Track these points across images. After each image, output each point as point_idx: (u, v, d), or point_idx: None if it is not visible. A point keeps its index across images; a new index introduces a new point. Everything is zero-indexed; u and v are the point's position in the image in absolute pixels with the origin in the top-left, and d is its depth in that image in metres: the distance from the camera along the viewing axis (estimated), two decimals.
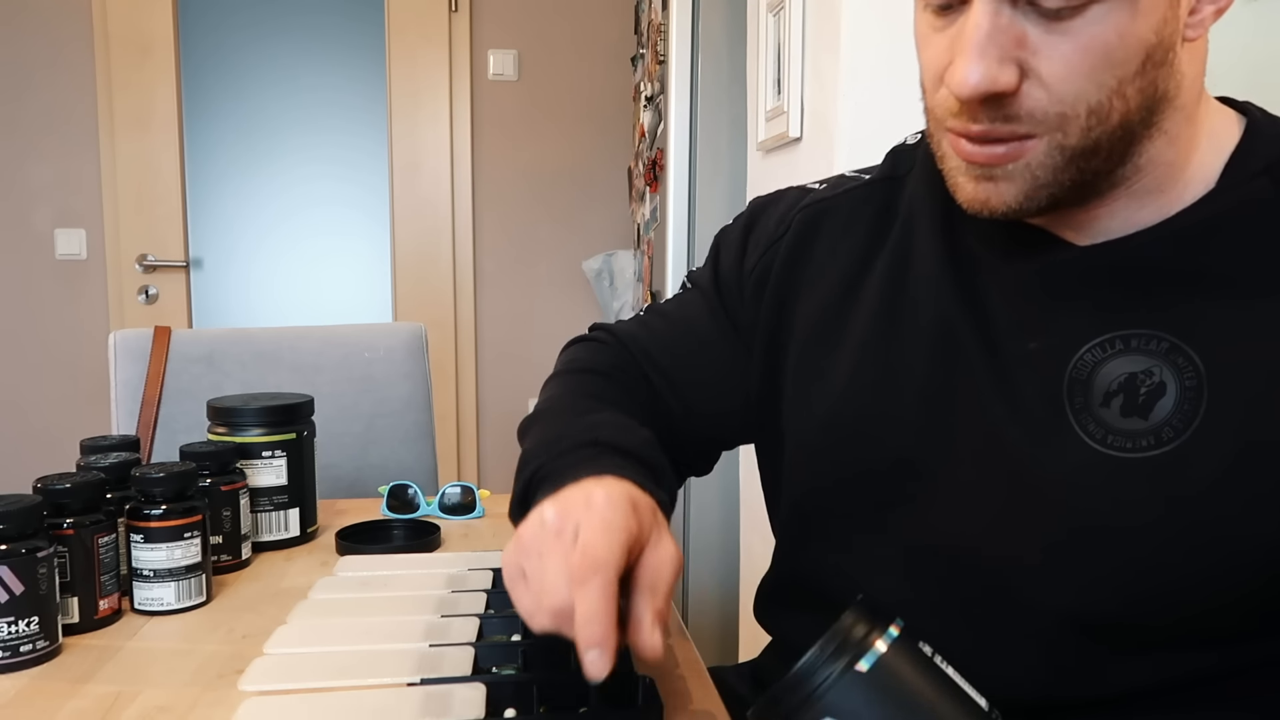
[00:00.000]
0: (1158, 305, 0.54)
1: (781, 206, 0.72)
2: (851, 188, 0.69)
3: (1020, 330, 0.57)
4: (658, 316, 0.76)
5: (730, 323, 0.73)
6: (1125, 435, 0.53)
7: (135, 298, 2.86)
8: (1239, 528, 0.51)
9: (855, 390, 0.63)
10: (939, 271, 0.61)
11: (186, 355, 1.35)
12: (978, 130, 0.52)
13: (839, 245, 0.67)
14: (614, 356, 0.74)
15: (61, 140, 2.81)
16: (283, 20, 2.93)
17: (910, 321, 0.61)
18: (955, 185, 0.55)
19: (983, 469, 0.57)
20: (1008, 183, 0.53)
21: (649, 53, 2.38)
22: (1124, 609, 0.53)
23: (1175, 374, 0.53)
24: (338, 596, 0.79)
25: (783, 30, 1.37)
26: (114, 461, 0.82)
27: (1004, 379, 0.57)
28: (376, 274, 3.01)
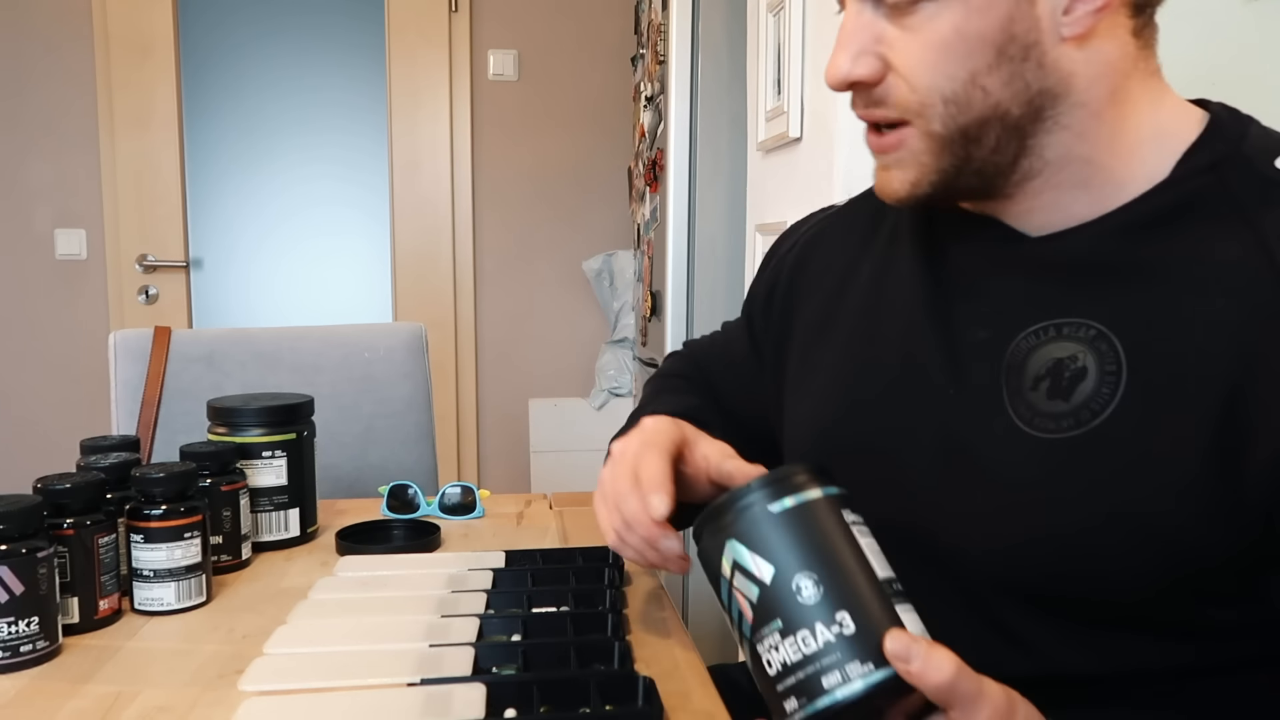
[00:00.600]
0: (1091, 295, 0.56)
1: (804, 225, 0.81)
2: (856, 197, 0.75)
3: (974, 320, 0.61)
4: (720, 332, 0.90)
5: (753, 338, 0.82)
6: (1049, 417, 0.56)
7: (135, 298, 2.86)
8: (1150, 507, 0.52)
9: (837, 384, 0.68)
10: (915, 268, 0.66)
11: (186, 355, 1.35)
12: (860, 114, 0.60)
13: (836, 250, 0.73)
14: (685, 365, 0.89)
15: (61, 140, 2.80)
16: (283, 20, 2.93)
17: (888, 318, 0.66)
18: (875, 175, 0.63)
19: (933, 452, 0.61)
20: (899, 170, 0.59)
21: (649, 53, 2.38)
22: (1053, 584, 0.55)
23: (1098, 359, 0.55)
24: (338, 597, 0.79)
25: (783, 30, 1.37)
26: (114, 462, 0.82)
27: (958, 366, 0.61)
28: (376, 274, 3.01)
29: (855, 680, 0.46)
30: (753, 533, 0.50)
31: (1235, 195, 0.54)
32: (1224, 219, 0.54)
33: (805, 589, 0.48)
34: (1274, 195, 0.53)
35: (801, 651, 0.47)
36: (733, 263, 2.00)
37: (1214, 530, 0.51)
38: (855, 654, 0.47)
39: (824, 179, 1.22)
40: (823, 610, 0.48)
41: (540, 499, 1.14)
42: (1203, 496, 0.51)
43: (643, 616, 0.75)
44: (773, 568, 0.49)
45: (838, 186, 1.17)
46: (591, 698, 0.58)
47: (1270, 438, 0.50)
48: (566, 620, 0.70)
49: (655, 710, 0.58)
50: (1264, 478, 0.50)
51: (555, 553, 0.88)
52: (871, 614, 0.48)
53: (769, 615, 0.49)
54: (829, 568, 0.49)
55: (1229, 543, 0.51)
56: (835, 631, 0.47)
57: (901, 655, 0.46)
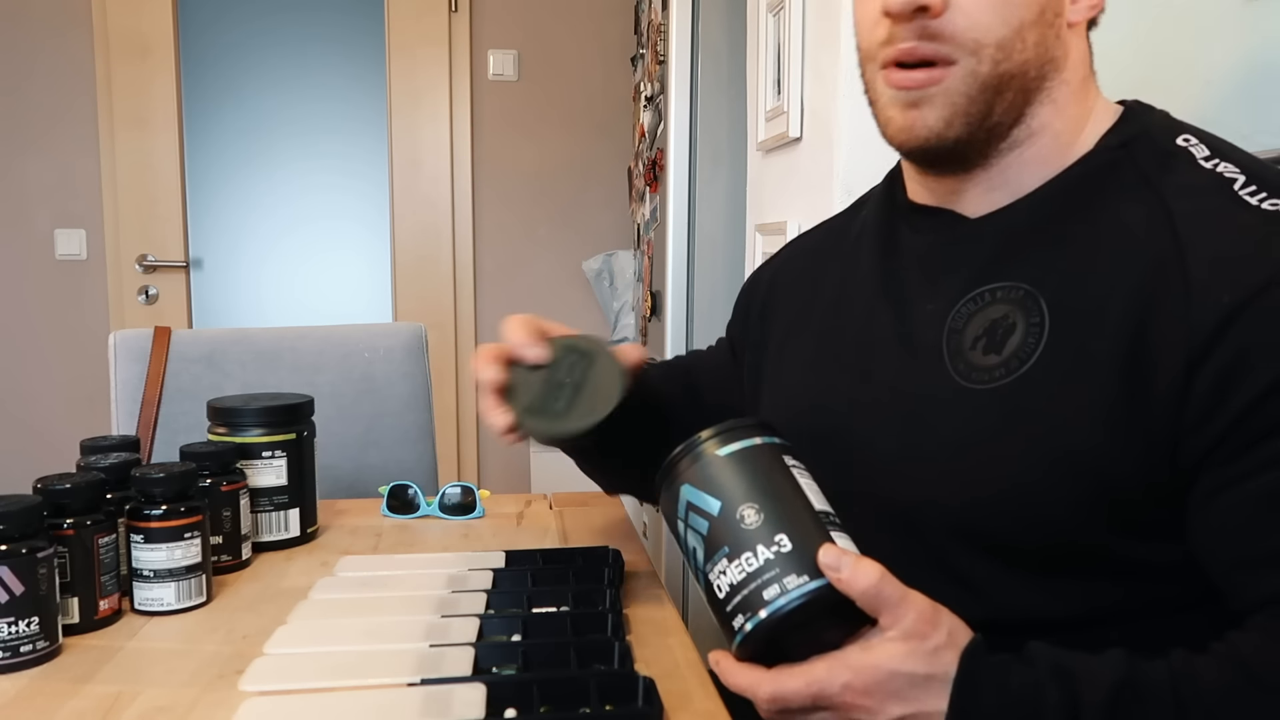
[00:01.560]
0: (1019, 261, 0.63)
1: (780, 253, 0.89)
2: (822, 223, 0.85)
3: (923, 297, 0.67)
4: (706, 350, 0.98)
5: (732, 346, 0.90)
6: (984, 370, 0.61)
7: (135, 298, 2.86)
8: (1078, 441, 0.57)
9: (809, 372, 0.75)
10: (875, 265, 0.72)
11: (186, 355, 1.35)
12: (906, 48, 0.60)
13: (809, 262, 0.81)
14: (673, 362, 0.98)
15: (61, 140, 2.80)
16: (282, 20, 2.93)
17: (853, 309, 0.73)
18: (887, 120, 0.64)
19: (890, 419, 0.66)
20: (930, 107, 0.61)
21: (649, 53, 2.38)
22: (1003, 526, 0.59)
23: (1024, 315, 0.61)
24: (338, 597, 0.79)
25: (783, 30, 1.37)
26: (114, 462, 0.82)
27: (909, 340, 0.67)
28: (376, 274, 3.01)
29: (792, 591, 0.52)
30: (702, 474, 0.57)
31: (1139, 165, 0.61)
32: (1130, 185, 0.61)
33: (748, 517, 0.55)
34: (1172, 164, 0.61)
35: (745, 571, 0.53)
36: (733, 263, 2.00)
37: (1134, 456, 0.56)
38: (792, 568, 0.53)
39: (824, 179, 1.22)
40: (763, 533, 0.54)
41: (540, 499, 1.14)
42: (1120, 424, 0.56)
43: (643, 616, 0.75)
44: (719, 502, 0.56)
45: (837, 186, 1.17)
46: (591, 698, 0.58)
47: (1168, 369, 0.55)
48: (566, 620, 0.70)
49: (655, 710, 0.58)
50: (1165, 407, 0.55)
51: (555, 553, 0.88)
52: (807, 534, 0.54)
53: (718, 544, 0.55)
54: (769, 498, 0.55)
55: (1148, 470, 0.56)
56: (774, 550, 0.53)
57: (832, 565, 0.52)
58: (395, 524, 1.04)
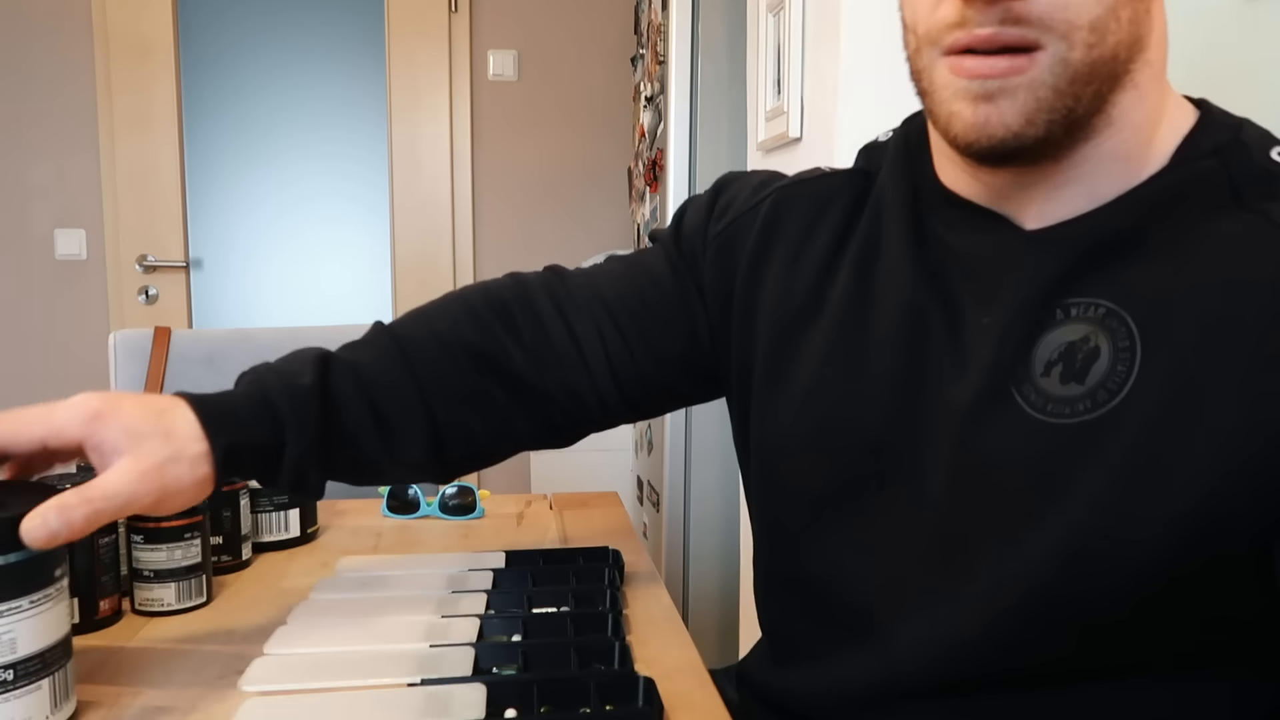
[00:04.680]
0: (1098, 275, 0.54)
1: (754, 180, 0.73)
2: (826, 175, 0.70)
3: (976, 307, 0.57)
4: (618, 261, 0.77)
5: (688, 276, 0.73)
6: (1063, 402, 0.53)
7: (135, 298, 2.86)
8: (1178, 484, 0.50)
9: (829, 373, 0.63)
10: (906, 256, 0.61)
11: (187, 356, 1.35)
12: (984, 35, 0.51)
13: (814, 228, 0.67)
14: (513, 291, 0.75)
15: (61, 140, 2.80)
16: (282, 20, 2.93)
17: (879, 306, 0.62)
18: (950, 116, 0.53)
19: (939, 445, 0.57)
20: (1009, 101, 0.52)
21: (649, 53, 2.38)
22: (1071, 579, 0.52)
23: (1109, 338, 0.53)
24: (338, 597, 0.79)
25: (782, 30, 1.37)
26: None
27: (961, 356, 0.57)
28: (377, 274, 3.01)
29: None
30: None
31: (1235, 180, 0.54)
32: (1227, 202, 0.53)
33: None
34: (1273, 185, 0.54)
35: None
36: None
37: (1249, 503, 0.49)
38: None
39: None
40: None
41: (540, 499, 1.14)
42: (1239, 468, 0.49)
43: (643, 616, 0.75)
44: None
45: None
46: (591, 698, 0.58)
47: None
48: (566, 620, 0.70)
49: (655, 710, 0.58)
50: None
51: (555, 553, 0.88)
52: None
53: None
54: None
55: (1259, 516, 0.49)
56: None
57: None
58: (395, 524, 1.04)
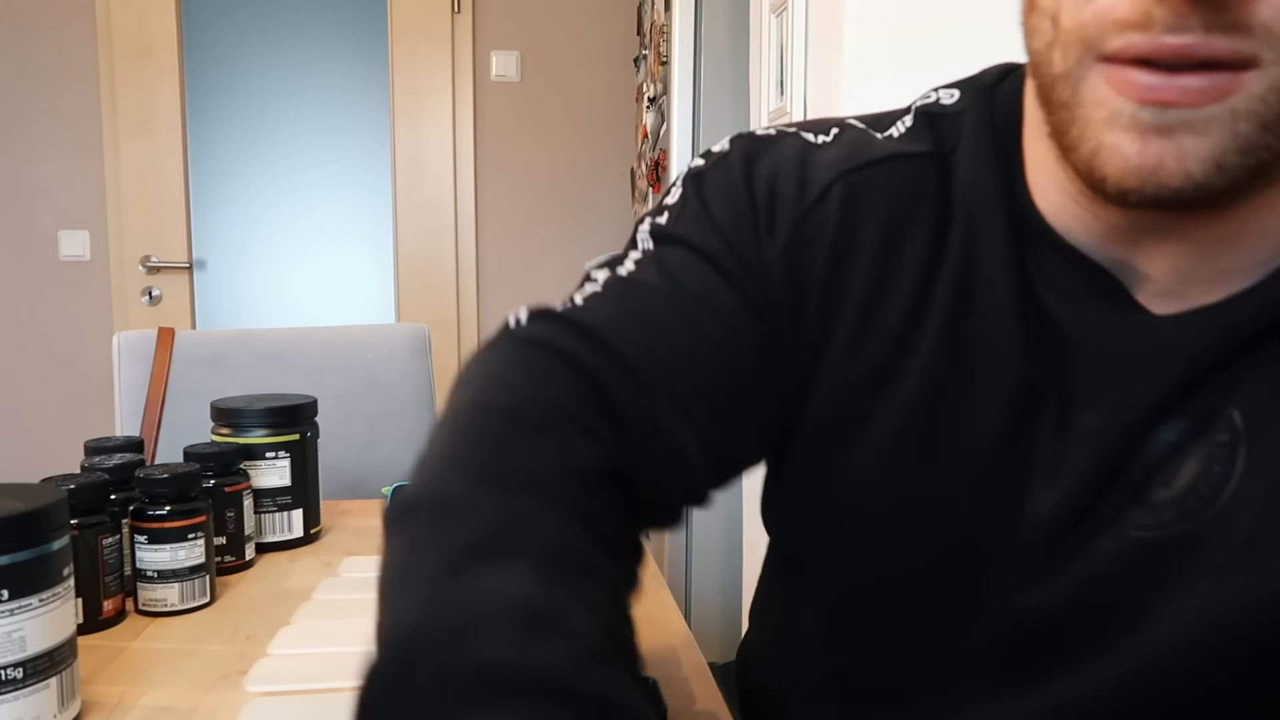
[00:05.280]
0: (1219, 373, 0.43)
1: (791, 154, 0.51)
2: (888, 159, 0.49)
3: (1081, 401, 0.45)
4: (643, 295, 0.48)
5: (767, 311, 0.49)
6: (1146, 509, 0.43)
7: (139, 299, 2.87)
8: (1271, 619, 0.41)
9: (908, 452, 0.48)
10: (1011, 319, 0.46)
11: (190, 356, 1.35)
12: (1177, 45, 0.36)
13: (896, 245, 0.48)
14: (561, 384, 0.44)
15: (65, 142, 2.81)
16: (285, 21, 2.93)
17: (979, 376, 0.46)
18: (1100, 149, 0.39)
19: (1016, 550, 0.47)
20: (1195, 138, 0.37)
21: (651, 54, 2.38)
22: (1129, 707, 0.45)
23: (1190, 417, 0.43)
24: (341, 597, 0.79)
25: (785, 31, 1.37)
26: (118, 463, 0.82)
27: (1059, 458, 0.45)
28: (379, 274, 3.02)
29: None
30: None
31: None
32: None
33: None
34: None
35: None
36: None
37: None
38: None
39: None
40: None
41: None
42: None
43: (645, 617, 0.75)
44: None
45: None
46: None
47: None
48: None
49: (659, 711, 0.58)
50: None
51: None
52: None
53: None
54: None
55: None
56: None
57: None
58: None
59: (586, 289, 0.49)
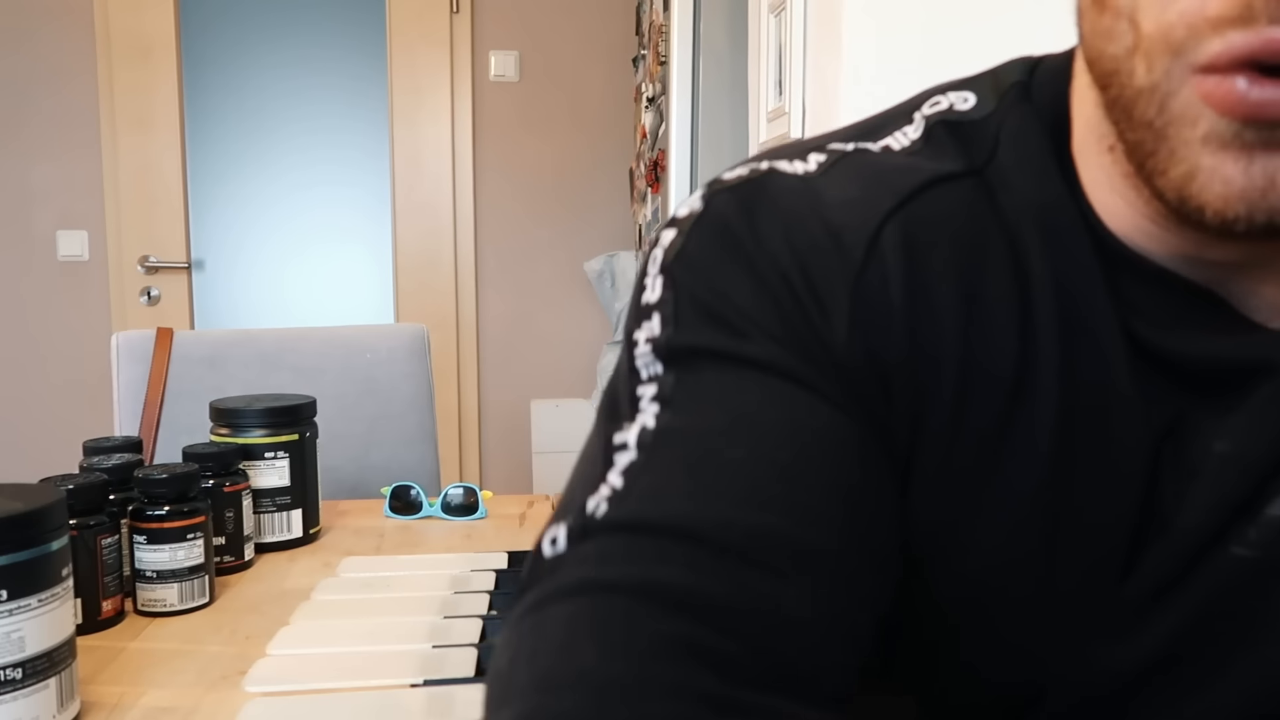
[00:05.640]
0: None
1: (805, 210, 0.39)
2: (930, 184, 0.40)
3: (1206, 427, 0.38)
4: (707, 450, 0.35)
5: (854, 410, 0.38)
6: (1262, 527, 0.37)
7: (137, 299, 2.86)
8: None
9: (1033, 539, 0.39)
10: (1123, 354, 0.38)
11: (189, 356, 1.35)
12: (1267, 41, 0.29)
13: (974, 288, 0.38)
14: (663, 649, 0.30)
15: (63, 142, 2.81)
16: (284, 21, 2.93)
17: (1100, 432, 0.38)
18: (1194, 174, 0.32)
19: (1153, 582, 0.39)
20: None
21: (650, 54, 2.39)
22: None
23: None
24: (340, 598, 0.79)
25: (784, 31, 1.37)
26: (117, 463, 0.82)
27: (1185, 485, 0.38)
28: (378, 274, 3.01)
29: None
30: None
31: None
32: None
33: None
34: None
35: None
36: None
37: None
38: None
39: None
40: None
41: (543, 500, 1.14)
42: None
43: None
44: None
45: None
46: None
47: None
48: None
49: None
50: None
51: None
52: None
53: None
54: None
55: None
56: None
57: None
58: (397, 525, 1.04)
59: (619, 460, 0.36)
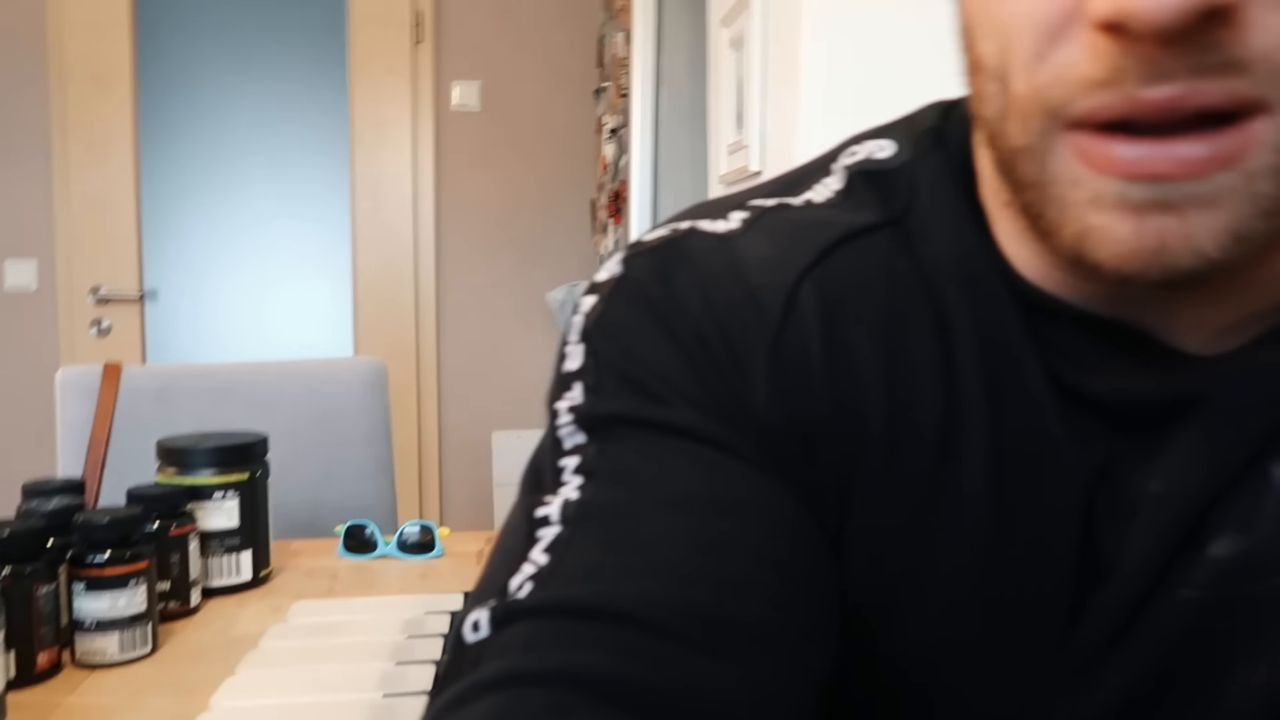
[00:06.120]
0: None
1: (722, 270, 0.39)
2: (846, 238, 0.39)
3: (1138, 468, 0.37)
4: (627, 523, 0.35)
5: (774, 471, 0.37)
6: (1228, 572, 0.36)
7: (87, 331, 2.80)
8: None
9: (968, 608, 0.38)
10: (1049, 398, 0.37)
11: (138, 390, 1.32)
12: (1162, 98, 0.28)
13: (896, 342, 0.38)
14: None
15: (12, 168, 2.75)
16: (244, 49, 2.91)
17: (1030, 491, 0.37)
18: (1089, 231, 0.31)
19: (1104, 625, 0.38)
20: (1208, 212, 0.30)
21: (612, 86, 2.40)
22: None
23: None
24: (289, 645, 0.76)
25: (743, 66, 1.39)
26: (56, 506, 0.79)
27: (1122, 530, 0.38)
28: (337, 306, 2.98)
29: None
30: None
31: None
32: None
33: None
34: None
35: None
36: None
37: None
38: None
39: None
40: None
41: None
42: None
43: None
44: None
45: None
46: None
47: None
48: None
49: None
50: None
51: None
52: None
53: None
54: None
55: None
56: None
57: None
58: (352, 565, 1.01)
59: (542, 535, 0.35)
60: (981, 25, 0.33)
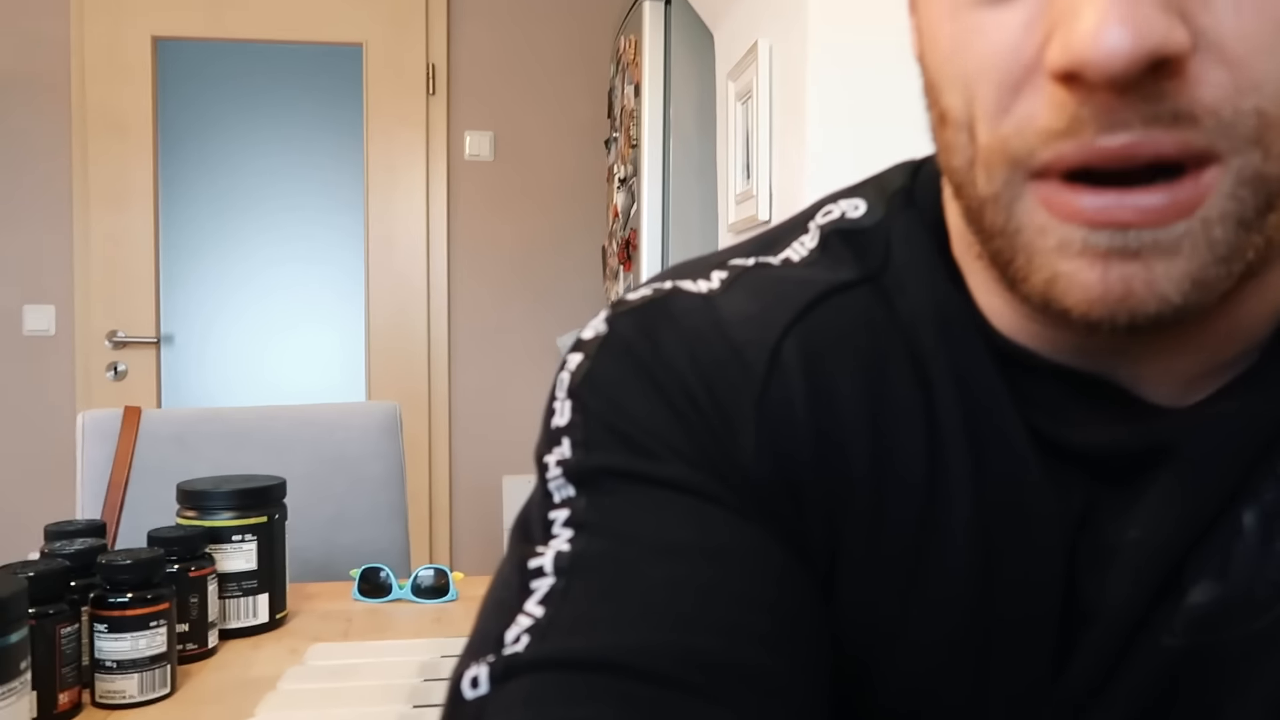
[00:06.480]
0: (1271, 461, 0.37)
1: (706, 328, 0.40)
2: (827, 294, 0.41)
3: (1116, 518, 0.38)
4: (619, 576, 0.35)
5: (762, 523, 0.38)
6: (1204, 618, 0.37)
7: (103, 374, 2.83)
8: None
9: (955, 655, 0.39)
10: (1029, 452, 0.38)
11: (156, 435, 1.34)
12: (1116, 148, 0.30)
13: (879, 398, 0.39)
14: None
15: (34, 216, 2.80)
16: (262, 101, 2.98)
17: (1014, 539, 0.38)
18: (1057, 278, 0.32)
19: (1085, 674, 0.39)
20: (1169, 259, 0.31)
21: (622, 136, 2.45)
22: None
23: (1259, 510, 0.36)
24: (306, 687, 0.77)
25: (751, 118, 1.42)
26: (79, 548, 0.81)
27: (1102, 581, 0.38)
28: (351, 352, 3.01)
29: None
30: None
31: None
32: None
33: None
34: None
35: None
36: None
37: None
38: None
39: None
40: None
41: None
42: None
43: None
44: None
45: None
46: None
47: None
48: None
49: None
50: None
51: None
52: None
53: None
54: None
55: None
56: None
57: None
58: (366, 608, 1.02)
59: (536, 587, 0.35)
60: (946, 79, 0.34)
